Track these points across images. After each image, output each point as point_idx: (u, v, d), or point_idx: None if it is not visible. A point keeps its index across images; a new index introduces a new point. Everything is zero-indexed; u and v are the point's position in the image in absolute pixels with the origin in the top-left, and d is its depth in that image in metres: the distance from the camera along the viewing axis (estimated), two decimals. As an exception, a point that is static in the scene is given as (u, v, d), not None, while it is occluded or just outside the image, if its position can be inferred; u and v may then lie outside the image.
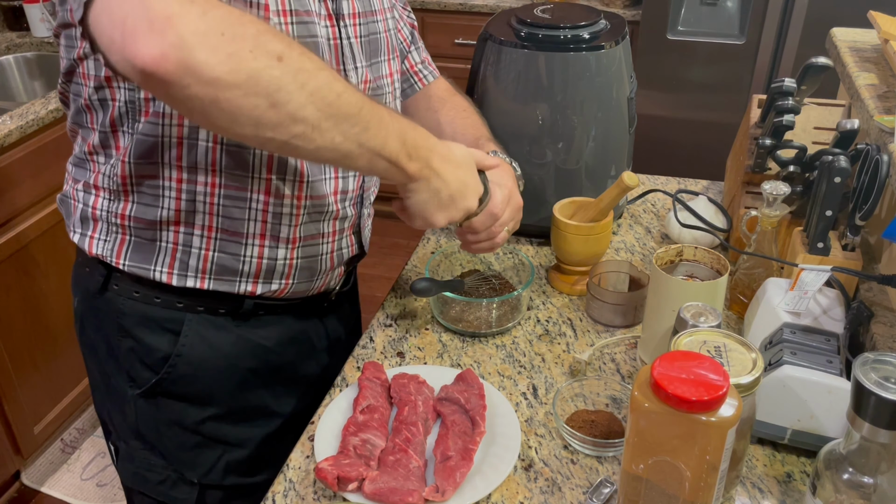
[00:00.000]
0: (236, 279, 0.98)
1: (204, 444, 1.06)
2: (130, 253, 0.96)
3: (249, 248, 0.96)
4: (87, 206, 0.97)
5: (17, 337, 1.98)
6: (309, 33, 0.89)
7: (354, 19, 0.98)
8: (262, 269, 0.98)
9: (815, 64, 1.22)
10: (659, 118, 2.75)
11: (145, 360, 1.01)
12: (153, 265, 0.96)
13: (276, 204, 0.94)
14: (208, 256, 0.95)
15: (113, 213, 0.95)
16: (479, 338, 1.14)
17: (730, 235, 1.29)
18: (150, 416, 1.04)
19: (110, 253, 0.97)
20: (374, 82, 1.03)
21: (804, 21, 2.49)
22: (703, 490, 0.71)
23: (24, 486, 2.14)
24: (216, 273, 0.97)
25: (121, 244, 0.96)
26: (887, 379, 0.65)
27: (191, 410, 1.04)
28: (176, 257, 0.95)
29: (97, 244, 0.97)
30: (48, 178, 1.97)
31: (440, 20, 3.02)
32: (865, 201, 0.99)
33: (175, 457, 1.06)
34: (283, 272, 1.00)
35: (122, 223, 0.95)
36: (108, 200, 0.95)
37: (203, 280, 0.97)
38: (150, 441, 1.05)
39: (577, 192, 1.29)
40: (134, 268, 0.96)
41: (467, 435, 0.93)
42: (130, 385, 1.02)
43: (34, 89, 2.51)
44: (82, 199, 0.97)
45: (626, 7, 2.87)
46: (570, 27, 1.24)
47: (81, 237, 0.99)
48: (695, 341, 0.80)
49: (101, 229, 0.97)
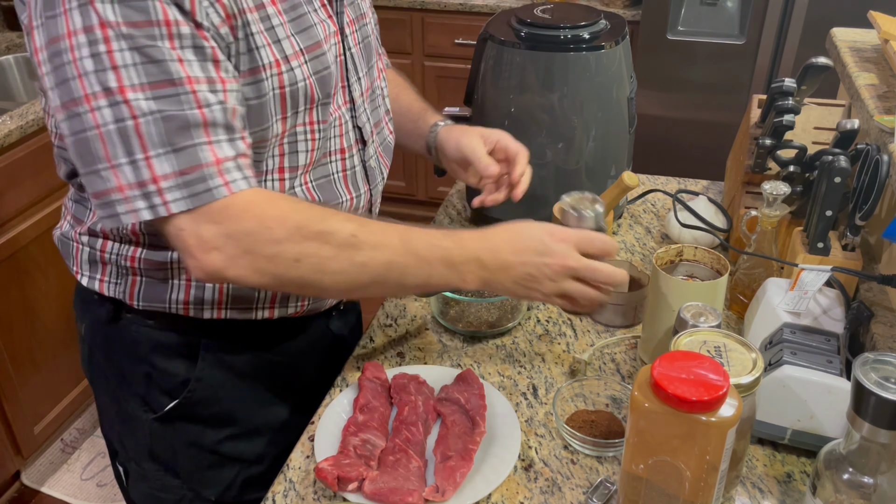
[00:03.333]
0: (252, 307, 0.97)
1: (221, 463, 1.05)
2: (143, 293, 0.94)
3: None
4: (95, 250, 0.95)
5: (17, 337, 1.98)
6: (322, 66, 0.89)
7: (352, 27, 0.98)
8: (278, 295, 0.98)
9: (815, 64, 1.22)
10: (659, 118, 2.75)
11: (162, 386, 0.99)
12: (168, 303, 0.94)
13: None
14: (223, 289, 0.94)
15: (123, 255, 0.93)
16: (479, 338, 1.14)
17: (730, 235, 1.29)
18: (166, 439, 1.02)
19: (123, 294, 0.95)
20: (371, 87, 1.03)
21: (804, 21, 2.49)
22: (703, 490, 0.71)
23: (24, 486, 2.14)
24: (232, 303, 0.96)
25: (132, 285, 0.94)
26: (887, 379, 0.65)
27: (209, 432, 1.03)
28: (190, 293, 0.94)
29: (108, 286, 0.96)
30: (48, 178, 1.97)
31: (440, 20, 3.02)
32: (865, 201, 0.99)
33: (191, 476, 1.05)
34: (298, 296, 1.00)
35: (133, 266, 0.93)
36: (117, 244, 0.93)
37: (220, 311, 0.96)
38: (165, 462, 1.04)
39: (577, 192, 1.29)
40: (148, 306, 0.95)
41: (467, 435, 0.93)
42: (145, 410, 1.01)
43: (34, 89, 2.50)
44: (88, 242, 0.95)
45: (626, 7, 2.87)
46: (570, 27, 1.24)
47: (90, 280, 0.97)
48: (695, 341, 0.80)
49: (110, 272, 0.95)
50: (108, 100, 0.73)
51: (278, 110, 0.85)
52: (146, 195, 0.75)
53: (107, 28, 0.72)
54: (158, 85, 0.74)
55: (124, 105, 0.73)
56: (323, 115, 0.91)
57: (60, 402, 2.18)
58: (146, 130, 0.74)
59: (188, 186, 0.76)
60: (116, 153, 0.74)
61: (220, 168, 0.77)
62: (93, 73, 0.73)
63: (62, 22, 0.73)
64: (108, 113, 0.73)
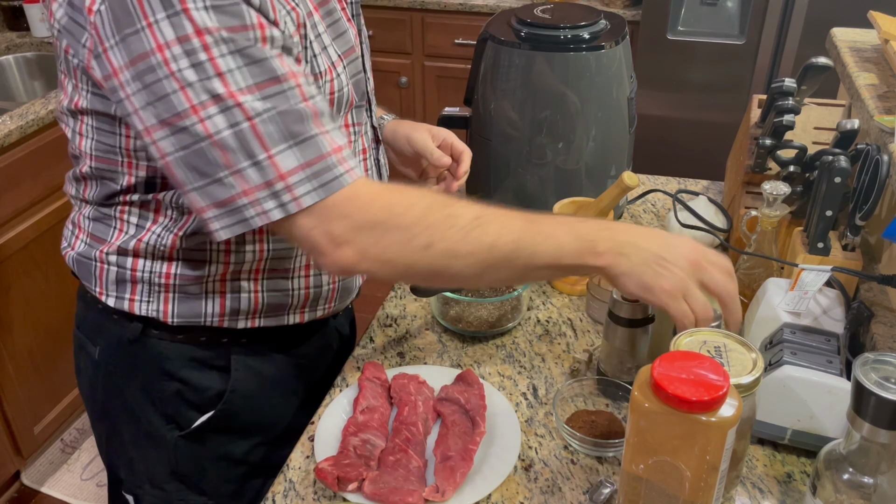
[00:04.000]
0: (285, 313, 0.98)
1: (250, 474, 1.05)
2: (178, 309, 0.93)
3: (296, 280, 0.96)
4: (125, 269, 0.92)
5: (17, 337, 1.98)
6: (357, 70, 0.90)
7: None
8: (309, 298, 0.98)
9: (815, 64, 1.22)
10: (659, 118, 2.75)
11: (192, 401, 0.98)
12: (202, 317, 0.93)
13: None
14: (258, 298, 0.94)
15: (157, 273, 0.91)
16: (479, 338, 1.14)
17: (730, 235, 1.28)
18: (192, 456, 1.01)
19: (156, 312, 0.93)
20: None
21: (804, 21, 2.49)
22: (704, 490, 0.70)
23: (24, 486, 2.13)
24: (266, 312, 0.96)
25: (165, 302, 0.92)
26: (887, 379, 0.65)
27: (239, 442, 1.02)
28: (225, 305, 0.93)
29: (139, 305, 0.93)
30: (48, 178, 1.97)
31: (440, 20, 3.02)
32: (865, 201, 0.99)
33: (218, 491, 1.04)
34: (328, 297, 1.00)
35: (167, 282, 0.91)
36: (149, 261, 0.91)
37: (254, 321, 0.96)
38: (189, 479, 1.02)
39: (577, 192, 1.29)
40: (183, 321, 0.93)
41: (467, 435, 0.93)
42: (170, 428, 0.99)
43: (34, 89, 2.51)
44: (116, 261, 0.92)
45: (626, 7, 2.87)
46: (570, 27, 1.24)
47: (118, 300, 0.94)
48: (695, 341, 0.80)
49: (141, 290, 0.93)
50: (218, 106, 0.72)
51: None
52: (275, 194, 0.74)
53: (204, 35, 0.70)
54: (265, 84, 0.73)
55: (237, 108, 0.72)
56: (357, 117, 0.93)
57: (60, 402, 2.18)
58: (264, 130, 0.73)
59: (316, 177, 0.75)
60: (237, 158, 0.73)
61: (340, 156, 0.77)
62: (197, 83, 0.71)
63: (148, 37, 0.70)
64: (221, 119, 0.72)
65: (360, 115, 0.95)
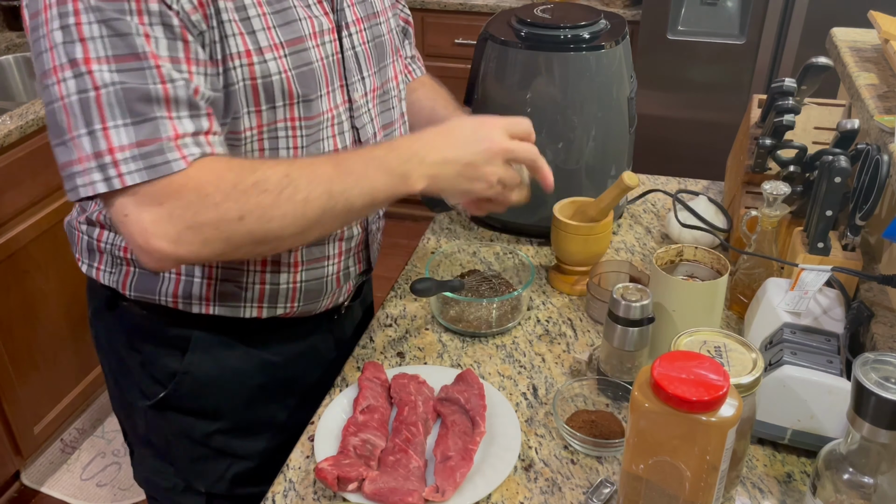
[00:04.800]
0: (240, 304, 0.98)
1: (211, 457, 1.06)
2: (135, 284, 0.96)
3: (251, 274, 0.96)
4: (92, 239, 0.98)
5: (17, 337, 1.98)
6: (302, 62, 0.88)
7: (359, 25, 0.97)
8: (265, 294, 0.98)
9: (815, 64, 1.22)
10: (659, 118, 2.75)
11: (154, 375, 1.01)
12: (157, 295, 0.96)
13: None
14: (211, 285, 0.95)
15: (116, 246, 0.96)
16: (479, 338, 1.14)
17: (730, 235, 1.29)
18: (160, 427, 1.04)
19: (116, 283, 0.98)
20: (382, 88, 1.02)
21: (804, 21, 2.49)
22: (704, 490, 0.70)
23: (24, 486, 2.14)
24: (220, 300, 0.97)
25: (125, 276, 0.97)
26: (887, 379, 0.65)
27: (199, 424, 1.04)
28: (179, 286, 0.95)
29: (103, 275, 0.98)
30: (48, 178, 1.97)
31: (440, 20, 3.02)
32: (865, 201, 0.99)
33: (183, 467, 1.06)
34: (288, 296, 1.00)
35: (126, 256, 0.95)
36: (111, 234, 0.96)
37: (208, 307, 0.97)
38: (159, 449, 1.06)
39: (577, 192, 1.29)
40: (140, 297, 0.97)
41: (467, 435, 0.93)
42: (141, 397, 1.03)
43: (34, 89, 2.50)
44: (86, 231, 0.99)
45: (626, 7, 2.87)
46: (570, 27, 1.24)
47: (89, 267, 1.00)
48: (695, 341, 0.80)
49: (105, 261, 0.98)
50: (73, 71, 0.73)
51: (250, 102, 0.85)
52: (102, 167, 0.74)
53: (77, 1, 0.73)
54: (123, 58, 0.74)
55: (87, 76, 0.73)
56: (306, 111, 0.90)
57: (60, 402, 2.18)
58: (106, 101, 0.74)
59: (144, 158, 0.75)
60: (77, 124, 0.74)
61: (178, 143, 0.76)
62: (61, 45, 0.73)
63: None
64: (73, 84, 0.74)
65: (309, 110, 0.90)
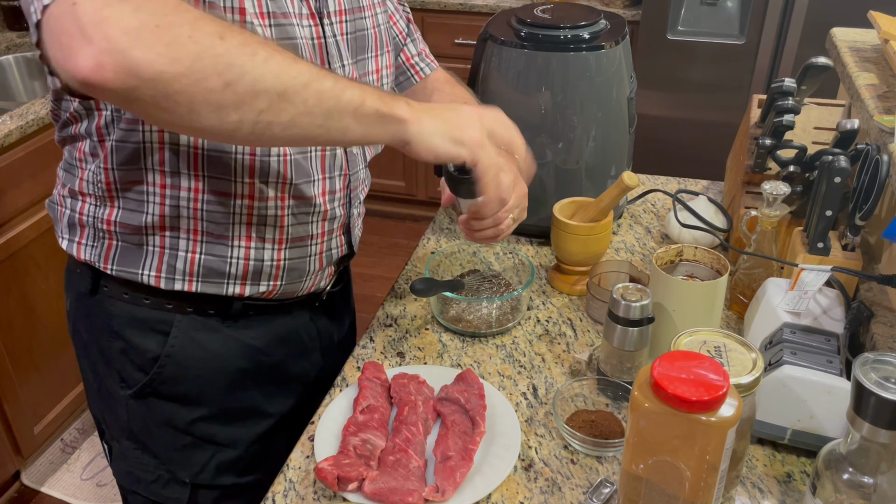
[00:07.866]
0: (224, 281, 0.98)
1: (195, 445, 1.06)
2: (118, 258, 0.96)
3: (236, 249, 0.96)
4: (74, 212, 0.97)
5: (17, 337, 1.98)
6: (286, 35, 0.89)
7: (340, 16, 0.98)
8: (249, 270, 0.98)
9: (815, 64, 1.22)
10: (659, 118, 2.75)
11: (136, 362, 1.01)
12: (140, 269, 0.96)
13: (261, 206, 0.94)
14: (195, 259, 0.95)
15: (99, 218, 0.95)
16: (479, 338, 1.14)
17: (730, 235, 1.29)
18: (142, 417, 1.04)
19: (98, 258, 0.97)
20: (360, 79, 1.03)
21: (804, 21, 2.49)
22: (703, 490, 0.71)
23: (24, 486, 2.14)
24: (203, 276, 0.97)
25: (108, 249, 0.96)
26: (887, 379, 0.65)
27: (181, 411, 1.04)
28: (163, 261, 0.95)
29: (85, 250, 0.98)
30: (48, 178, 1.97)
31: (440, 20, 3.02)
32: (865, 201, 0.99)
33: (167, 457, 1.06)
34: (271, 273, 1.00)
35: (109, 229, 0.95)
36: (94, 206, 0.95)
37: (191, 283, 0.97)
38: (142, 441, 1.05)
39: (577, 192, 1.30)
40: (122, 272, 0.96)
41: (467, 435, 0.93)
42: (122, 386, 1.03)
43: (34, 89, 2.51)
44: (69, 204, 0.98)
45: (626, 7, 2.87)
46: (570, 27, 1.24)
47: (69, 243, 0.99)
48: (695, 341, 0.80)
49: (87, 235, 0.97)
50: None
51: None
52: None
53: None
54: None
55: None
56: None
57: (60, 402, 2.18)
58: None
59: None
60: None
61: None
62: None
63: None
64: None
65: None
